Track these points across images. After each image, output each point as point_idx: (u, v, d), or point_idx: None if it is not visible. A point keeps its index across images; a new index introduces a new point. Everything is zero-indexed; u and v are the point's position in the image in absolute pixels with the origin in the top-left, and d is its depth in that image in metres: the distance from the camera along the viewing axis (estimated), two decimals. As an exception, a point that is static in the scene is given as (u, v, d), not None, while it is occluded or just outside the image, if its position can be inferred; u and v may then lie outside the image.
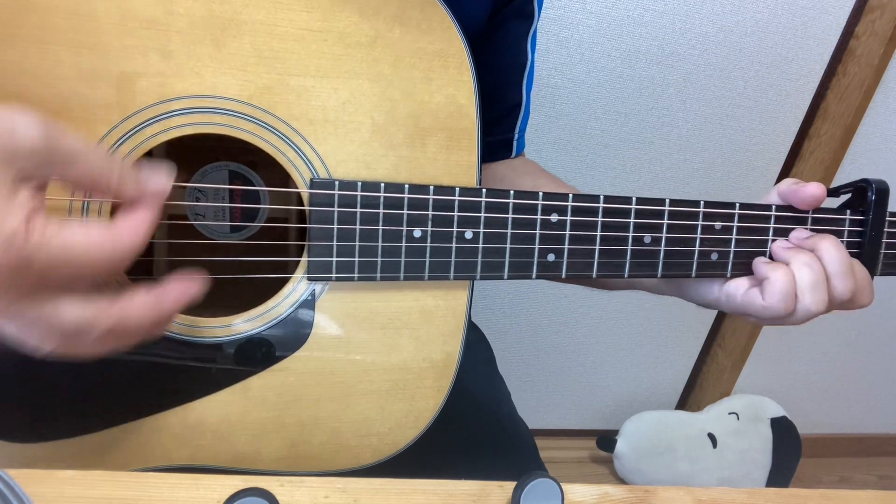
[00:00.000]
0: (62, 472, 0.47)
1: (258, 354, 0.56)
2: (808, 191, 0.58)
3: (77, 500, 0.46)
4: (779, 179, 0.57)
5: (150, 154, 0.55)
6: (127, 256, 0.42)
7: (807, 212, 0.59)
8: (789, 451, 1.86)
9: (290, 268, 0.56)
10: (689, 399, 1.99)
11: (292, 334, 0.56)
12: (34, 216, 0.38)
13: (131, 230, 0.42)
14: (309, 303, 0.55)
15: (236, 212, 0.67)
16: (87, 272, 0.40)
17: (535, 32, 0.81)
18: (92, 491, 0.47)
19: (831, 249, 0.57)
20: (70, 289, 0.40)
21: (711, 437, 1.80)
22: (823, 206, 0.61)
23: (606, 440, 1.82)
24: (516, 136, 0.85)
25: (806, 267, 0.56)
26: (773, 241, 0.60)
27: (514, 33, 0.80)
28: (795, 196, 0.59)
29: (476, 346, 0.99)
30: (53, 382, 0.53)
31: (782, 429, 1.86)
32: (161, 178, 0.45)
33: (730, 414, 1.85)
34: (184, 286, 0.46)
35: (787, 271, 0.56)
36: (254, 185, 0.67)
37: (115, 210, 0.50)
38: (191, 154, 0.64)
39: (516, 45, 0.80)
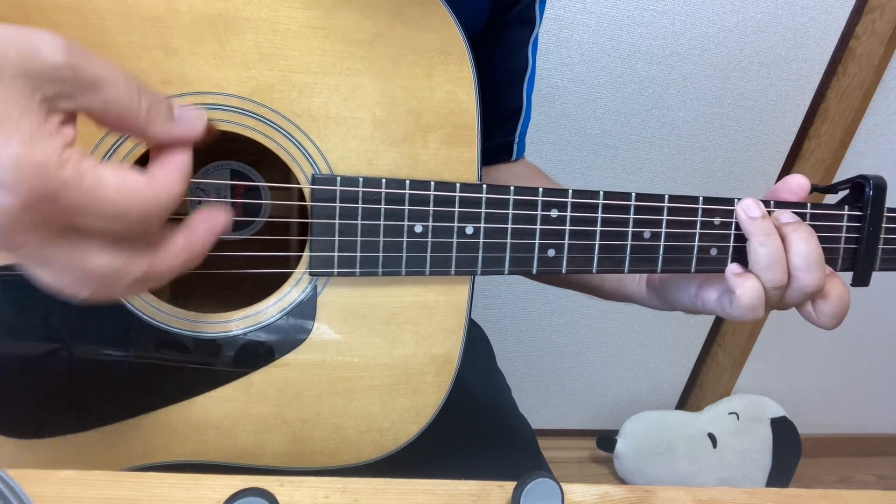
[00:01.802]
0: (62, 472, 0.47)
1: (260, 350, 0.56)
2: (794, 181, 0.61)
3: (77, 500, 0.46)
4: (779, 179, 0.57)
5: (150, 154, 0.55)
6: (165, 210, 0.39)
7: (805, 207, 0.60)
8: (789, 451, 1.86)
9: (292, 263, 0.56)
10: (689, 399, 1.99)
11: (294, 330, 0.56)
12: (68, 147, 0.35)
13: (168, 180, 0.40)
14: (311, 298, 0.56)
15: (238, 208, 0.67)
16: (115, 220, 0.37)
17: (536, 38, 0.82)
18: (92, 491, 0.47)
19: (799, 243, 0.58)
20: (98, 234, 0.38)
21: (711, 437, 1.80)
22: (822, 201, 0.61)
23: (606, 440, 1.83)
24: (517, 140, 0.85)
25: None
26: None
27: (515, 40, 0.80)
28: (783, 187, 0.61)
29: (476, 343, 1.00)
30: (55, 378, 0.53)
31: (782, 429, 1.86)
32: (194, 115, 0.42)
33: (730, 414, 1.85)
34: (211, 220, 0.44)
35: (754, 285, 0.57)
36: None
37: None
38: (193, 153, 0.65)
39: (517, 52, 0.81)
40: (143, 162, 0.55)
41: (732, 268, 0.59)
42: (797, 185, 0.61)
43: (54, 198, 0.35)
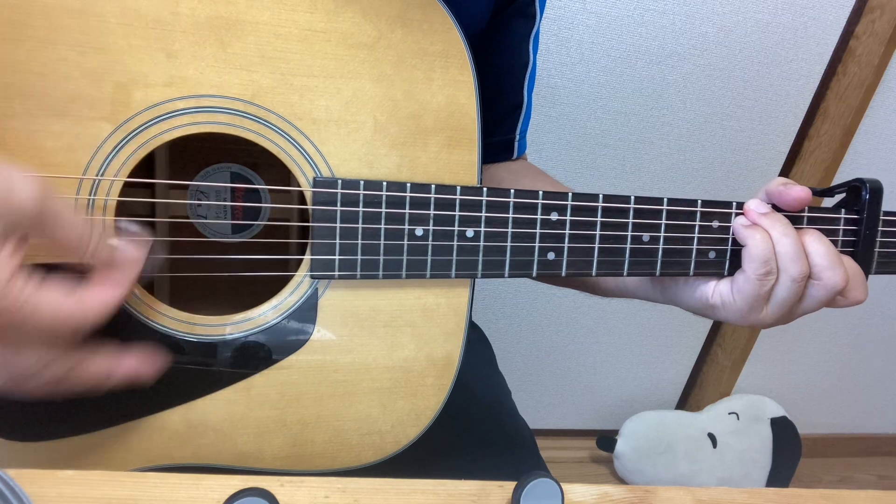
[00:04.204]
0: (62, 472, 0.47)
1: (260, 353, 0.56)
2: (793, 194, 0.58)
3: (77, 500, 0.46)
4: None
5: (152, 156, 0.55)
6: (89, 326, 0.45)
7: (802, 210, 0.60)
8: (789, 451, 1.86)
9: (293, 266, 0.56)
10: (689, 399, 1.99)
11: (295, 332, 0.56)
12: (16, 274, 0.41)
13: (99, 304, 0.45)
14: (311, 301, 0.56)
15: (238, 211, 0.67)
16: (51, 333, 0.44)
17: (537, 34, 0.82)
18: (92, 491, 0.47)
19: (816, 243, 0.57)
20: (30, 342, 0.44)
21: (711, 437, 1.80)
22: (819, 205, 0.61)
23: (606, 440, 1.83)
24: (517, 138, 0.85)
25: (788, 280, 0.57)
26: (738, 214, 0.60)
27: (515, 34, 0.80)
28: (781, 198, 0.59)
29: (476, 345, 1.00)
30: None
31: (782, 429, 1.86)
32: (133, 250, 0.48)
33: (730, 414, 1.85)
34: (139, 362, 0.50)
35: (764, 236, 0.57)
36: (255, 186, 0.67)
37: (119, 208, 0.51)
38: (193, 156, 0.65)
39: (518, 46, 0.81)
40: (148, 168, 0.55)
41: (740, 220, 0.59)
42: (794, 198, 0.58)
43: None
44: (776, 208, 0.59)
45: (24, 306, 0.41)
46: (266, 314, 0.56)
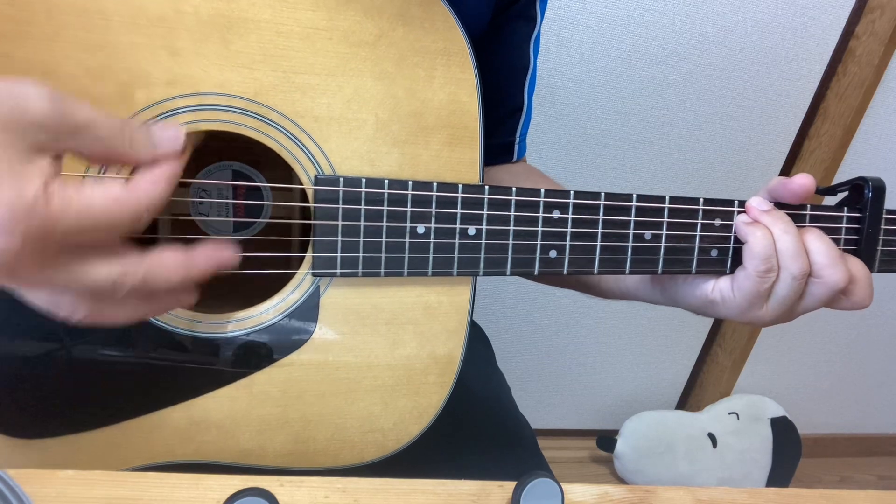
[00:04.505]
0: (62, 472, 0.47)
1: (262, 350, 0.56)
2: (797, 181, 0.58)
3: (77, 500, 0.46)
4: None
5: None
6: (147, 210, 0.42)
7: (804, 209, 0.60)
8: (789, 451, 1.87)
9: (294, 264, 0.56)
10: (689, 399, 2.00)
11: (297, 330, 0.56)
12: (51, 182, 0.38)
13: (149, 184, 0.43)
14: (313, 298, 0.56)
15: (240, 209, 0.67)
16: (110, 230, 0.41)
17: (538, 36, 0.82)
18: (92, 491, 0.47)
19: (816, 241, 0.57)
20: (96, 248, 0.41)
21: (711, 437, 1.80)
22: (821, 203, 0.61)
23: (606, 440, 1.83)
24: (517, 140, 0.85)
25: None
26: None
27: (516, 36, 0.80)
28: (785, 189, 0.59)
29: (475, 344, 1.00)
30: (58, 378, 0.53)
31: (782, 429, 1.86)
32: (172, 133, 0.45)
33: (730, 414, 1.85)
34: (215, 251, 0.46)
35: (765, 233, 0.57)
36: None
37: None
38: (195, 154, 0.65)
39: (518, 48, 0.81)
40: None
41: (742, 217, 0.59)
42: (799, 185, 0.58)
43: (50, 230, 0.38)
44: (780, 205, 0.59)
45: (71, 207, 0.38)
46: (268, 312, 0.56)
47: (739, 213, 0.59)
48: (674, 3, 1.38)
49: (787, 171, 1.64)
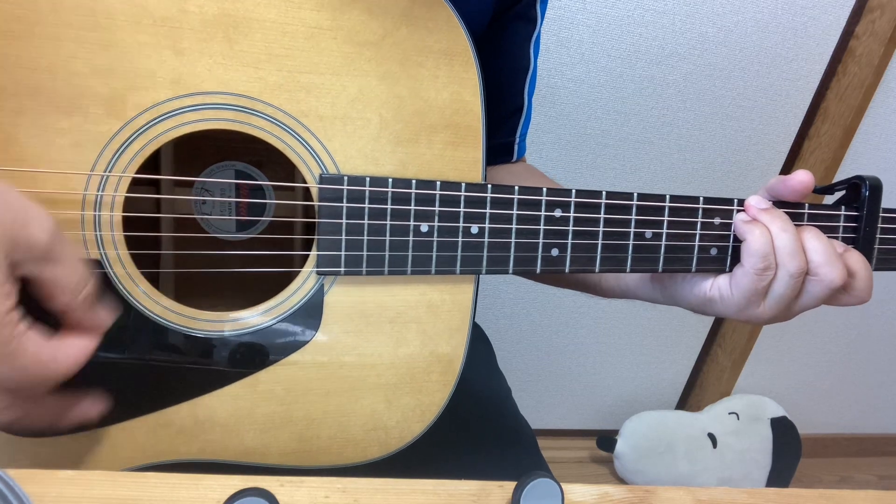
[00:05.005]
0: (62, 472, 0.47)
1: (266, 349, 0.56)
2: (796, 178, 0.58)
3: (77, 500, 0.46)
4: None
5: (158, 153, 0.56)
6: (61, 378, 0.45)
7: (803, 207, 0.60)
8: (789, 451, 1.87)
9: (298, 263, 0.56)
10: (689, 399, 2.00)
11: (300, 329, 0.56)
12: (11, 312, 0.41)
13: (75, 353, 0.46)
14: (318, 297, 0.56)
15: (243, 207, 0.68)
16: (24, 379, 0.44)
17: (538, 37, 0.82)
18: (92, 491, 0.47)
19: (813, 239, 0.58)
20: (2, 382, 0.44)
21: (711, 437, 1.81)
22: (817, 202, 0.61)
23: (606, 440, 1.83)
24: (517, 140, 0.85)
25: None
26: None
27: (516, 37, 0.80)
28: (784, 187, 0.59)
29: (476, 343, 1.00)
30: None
31: (782, 429, 1.86)
32: (106, 315, 0.49)
33: (730, 414, 1.85)
34: (88, 408, 0.51)
35: (764, 231, 0.57)
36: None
37: (126, 204, 0.51)
38: (198, 154, 0.65)
39: (518, 49, 0.81)
40: (154, 165, 0.55)
41: (741, 216, 0.59)
42: (798, 182, 0.59)
43: None
44: (779, 204, 0.60)
45: (10, 345, 0.41)
46: (272, 311, 0.56)
47: (739, 211, 0.60)
48: (674, 3, 1.38)
49: (786, 171, 1.64)
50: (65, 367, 0.45)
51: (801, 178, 0.58)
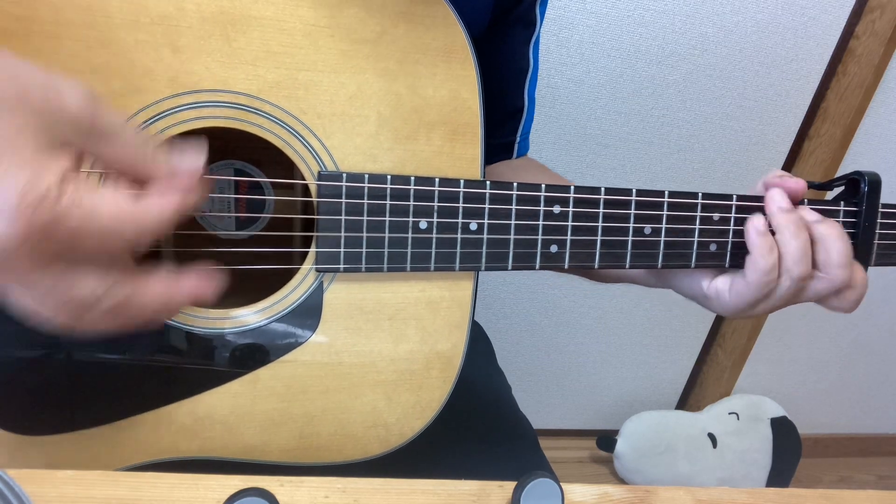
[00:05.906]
0: (62, 472, 0.47)
1: (266, 346, 0.56)
2: (788, 185, 0.59)
3: (77, 500, 0.46)
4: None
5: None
6: (150, 233, 0.41)
7: (802, 203, 0.60)
8: (789, 451, 1.87)
9: (298, 260, 0.57)
10: (689, 399, 2.00)
11: (300, 326, 0.56)
12: (68, 178, 0.37)
13: (158, 208, 0.42)
14: (317, 294, 0.56)
15: (242, 205, 0.68)
16: (111, 241, 0.40)
17: (537, 39, 0.82)
18: (92, 491, 0.47)
19: (837, 241, 0.58)
20: (88, 259, 0.40)
21: (711, 437, 1.81)
22: (816, 197, 0.61)
23: (606, 440, 1.83)
24: (518, 140, 0.85)
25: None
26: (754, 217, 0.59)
27: (516, 40, 0.81)
28: (783, 185, 0.60)
29: (476, 342, 1.00)
30: (62, 374, 0.53)
31: (782, 429, 1.86)
32: (191, 158, 0.44)
33: (730, 414, 1.85)
34: (200, 281, 0.45)
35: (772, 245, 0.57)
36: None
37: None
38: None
39: (518, 52, 0.81)
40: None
41: (756, 223, 0.58)
42: (790, 189, 0.59)
43: (53, 228, 0.37)
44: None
45: (79, 208, 0.37)
46: (271, 308, 0.56)
47: (753, 209, 0.60)
48: (674, 3, 1.38)
49: (787, 170, 1.63)
50: (153, 219, 0.41)
51: (791, 187, 0.59)
